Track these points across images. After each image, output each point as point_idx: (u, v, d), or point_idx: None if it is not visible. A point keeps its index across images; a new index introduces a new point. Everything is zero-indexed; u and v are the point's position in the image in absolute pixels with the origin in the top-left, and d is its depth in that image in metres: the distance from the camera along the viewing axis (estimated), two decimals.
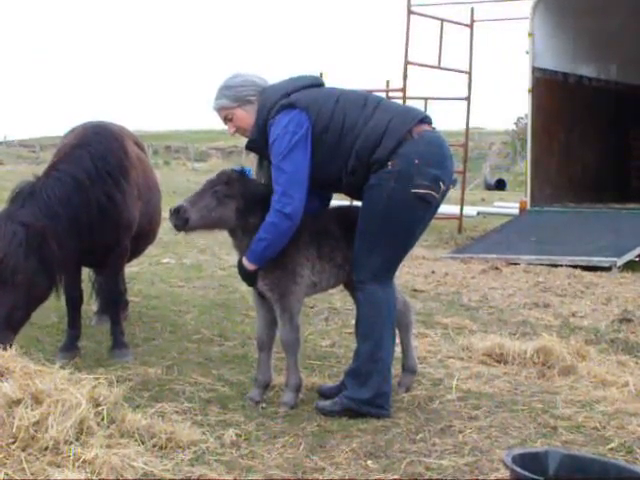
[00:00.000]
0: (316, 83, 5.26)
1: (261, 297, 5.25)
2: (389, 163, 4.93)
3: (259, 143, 5.17)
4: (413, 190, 4.92)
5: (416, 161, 4.92)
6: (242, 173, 5.18)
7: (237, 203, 5.05)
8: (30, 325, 7.06)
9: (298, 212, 4.97)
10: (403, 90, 15.59)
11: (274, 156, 4.99)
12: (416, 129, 5.02)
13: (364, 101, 5.12)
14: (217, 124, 5.41)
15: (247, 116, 5.17)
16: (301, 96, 5.05)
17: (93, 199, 5.87)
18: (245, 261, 5.09)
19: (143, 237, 6.84)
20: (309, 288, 5.27)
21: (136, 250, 6.88)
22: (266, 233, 4.96)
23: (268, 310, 5.25)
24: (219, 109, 5.23)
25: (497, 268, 11.38)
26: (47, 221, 5.55)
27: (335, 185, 5.20)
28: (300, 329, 5.24)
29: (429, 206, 5.05)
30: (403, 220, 4.99)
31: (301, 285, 5.16)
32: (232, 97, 5.16)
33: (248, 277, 5.16)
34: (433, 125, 5.19)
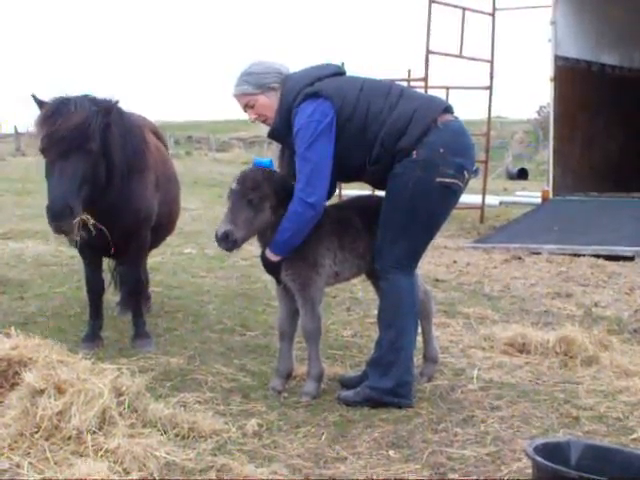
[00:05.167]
0: (339, 72, 5.23)
1: (283, 287, 5.25)
2: (414, 152, 4.91)
3: (282, 132, 5.14)
4: (438, 179, 4.91)
5: (441, 150, 4.90)
6: (265, 169, 5.11)
7: (270, 202, 5.00)
8: (53, 315, 7.13)
9: (321, 201, 4.96)
10: (425, 79, 15.52)
11: (298, 145, 4.95)
12: (441, 118, 5.00)
13: (388, 90, 5.09)
14: (238, 114, 5.37)
15: (270, 103, 5.13)
16: (325, 85, 5.02)
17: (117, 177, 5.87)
18: (269, 252, 5.06)
19: (162, 228, 6.86)
20: (331, 278, 5.27)
21: (155, 240, 6.89)
22: (290, 222, 4.94)
23: (290, 300, 5.25)
24: (240, 95, 5.16)
25: (519, 258, 11.33)
26: None
27: (358, 174, 5.18)
28: (322, 319, 5.24)
29: (454, 195, 5.04)
30: (428, 209, 4.98)
31: (322, 275, 5.16)
32: (255, 84, 5.11)
33: (273, 268, 5.13)
34: (455, 115, 5.18)
